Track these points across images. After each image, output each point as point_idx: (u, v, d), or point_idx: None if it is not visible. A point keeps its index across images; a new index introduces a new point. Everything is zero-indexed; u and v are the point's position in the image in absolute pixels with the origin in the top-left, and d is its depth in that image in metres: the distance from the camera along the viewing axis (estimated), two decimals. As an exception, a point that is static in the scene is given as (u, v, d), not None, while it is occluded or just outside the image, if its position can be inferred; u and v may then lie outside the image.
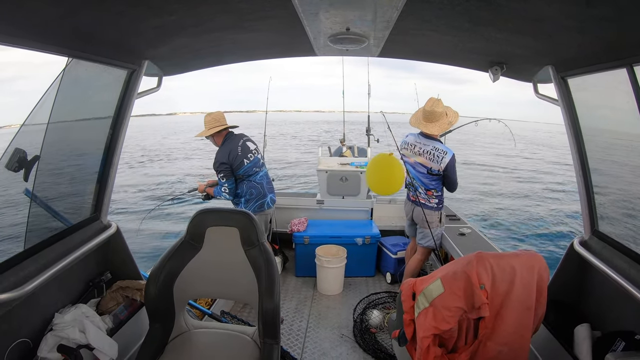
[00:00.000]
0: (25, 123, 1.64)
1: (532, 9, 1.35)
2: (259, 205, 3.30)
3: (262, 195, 3.30)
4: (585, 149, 2.01)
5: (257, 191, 3.29)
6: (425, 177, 3.04)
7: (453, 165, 2.94)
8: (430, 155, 2.96)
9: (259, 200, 3.29)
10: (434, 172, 2.98)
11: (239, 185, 3.25)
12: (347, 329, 3.03)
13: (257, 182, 3.31)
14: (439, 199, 3.09)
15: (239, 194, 3.27)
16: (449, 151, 2.93)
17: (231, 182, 3.19)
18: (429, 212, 3.06)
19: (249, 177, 3.26)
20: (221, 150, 3.21)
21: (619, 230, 1.95)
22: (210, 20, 1.64)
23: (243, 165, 3.20)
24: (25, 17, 1.24)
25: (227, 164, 3.15)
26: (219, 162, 3.15)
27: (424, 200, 3.08)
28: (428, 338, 1.54)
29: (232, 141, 3.24)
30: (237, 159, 3.17)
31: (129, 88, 2.05)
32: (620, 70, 1.58)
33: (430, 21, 1.66)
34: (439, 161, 2.92)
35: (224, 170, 3.15)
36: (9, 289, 1.41)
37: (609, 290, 1.84)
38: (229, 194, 3.20)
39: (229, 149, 3.19)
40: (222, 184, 3.19)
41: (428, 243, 3.16)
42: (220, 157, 3.16)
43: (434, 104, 2.95)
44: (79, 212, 2.07)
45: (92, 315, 1.83)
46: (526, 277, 1.53)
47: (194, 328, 1.98)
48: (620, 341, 1.67)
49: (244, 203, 3.27)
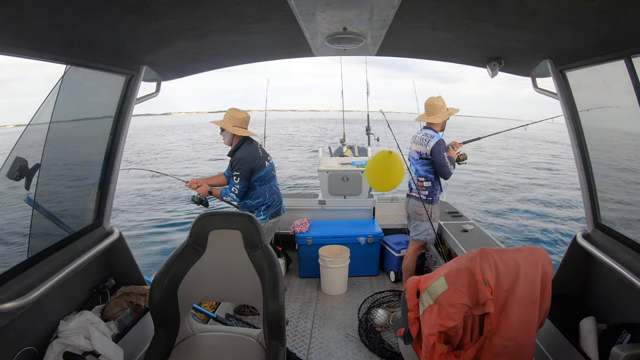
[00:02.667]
0: (25, 131, 1.64)
1: (529, 3, 1.35)
2: (277, 211, 3.20)
3: (280, 200, 3.23)
4: (585, 142, 2.00)
5: (278, 197, 3.20)
6: (418, 163, 3.23)
7: (439, 150, 3.07)
8: (421, 140, 3.19)
9: (278, 206, 3.20)
10: (423, 155, 3.17)
11: (262, 191, 3.09)
12: (352, 329, 3.03)
13: (276, 187, 3.23)
14: (429, 191, 3.19)
15: (259, 201, 3.09)
16: (436, 136, 3.11)
17: (244, 185, 2.99)
18: (418, 204, 3.18)
19: (269, 182, 3.13)
20: (245, 149, 3.01)
21: (621, 223, 1.95)
22: (208, 24, 1.65)
23: (264, 167, 3.07)
24: (22, 25, 1.24)
25: (250, 165, 2.96)
26: (241, 161, 2.94)
27: (415, 193, 3.23)
28: (433, 335, 1.54)
29: (252, 144, 3.09)
30: (259, 160, 3.03)
31: (128, 94, 2.05)
32: (619, 62, 1.58)
33: (427, 18, 1.66)
34: (426, 144, 3.12)
35: (244, 170, 2.94)
36: (13, 297, 1.41)
37: (613, 283, 1.84)
38: (237, 195, 2.99)
39: (252, 149, 3.04)
40: (234, 184, 2.96)
41: (417, 237, 3.29)
42: (244, 156, 2.96)
43: (434, 99, 3.18)
44: (82, 219, 2.07)
45: (97, 321, 1.83)
46: (530, 271, 1.53)
47: (199, 332, 1.98)
48: (626, 333, 1.66)
49: (265, 209, 3.10)
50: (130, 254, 2.24)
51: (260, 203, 3.10)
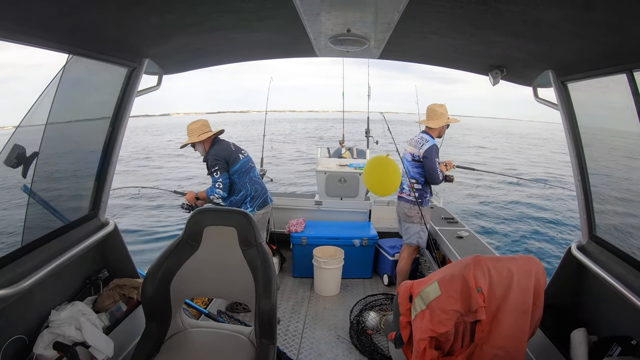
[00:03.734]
0: (24, 119, 1.64)
1: (532, 13, 1.36)
2: (263, 201, 3.31)
3: (264, 190, 3.34)
4: (584, 153, 2.01)
5: (260, 187, 3.31)
6: (410, 165, 3.25)
7: (431, 154, 3.09)
8: (416, 143, 3.22)
9: (263, 196, 3.31)
10: (416, 158, 3.19)
11: (242, 183, 3.20)
12: (343, 331, 3.03)
13: (256, 177, 3.33)
14: (419, 194, 3.21)
15: (243, 194, 3.21)
16: (431, 140, 3.14)
17: (225, 177, 3.11)
18: (408, 206, 3.23)
19: (248, 173, 3.25)
20: (214, 148, 3.18)
21: (616, 236, 1.95)
22: (212, 19, 1.65)
23: (239, 160, 3.20)
24: (27, 14, 1.24)
25: (222, 159, 3.10)
26: (214, 157, 3.09)
27: (405, 195, 3.27)
28: (424, 340, 1.54)
29: (221, 142, 3.25)
30: (232, 154, 3.18)
31: (129, 86, 2.05)
32: (620, 75, 1.59)
33: (430, 24, 1.67)
34: (420, 147, 3.15)
35: (219, 164, 3.08)
36: (5, 285, 1.40)
37: (605, 295, 1.84)
38: (222, 189, 3.09)
39: (221, 146, 3.19)
40: (216, 180, 3.08)
41: (409, 240, 3.31)
42: (215, 152, 3.12)
43: (437, 105, 3.22)
44: (77, 210, 2.07)
45: (89, 312, 1.82)
46: (523, 280, 1.53)
47: (191, 327, 1.98)
48: (617, 346, 1.67)
49: (250, 201, 3.23)
50: (124, 247, 2.23)
51: (243, 196, 3.22)
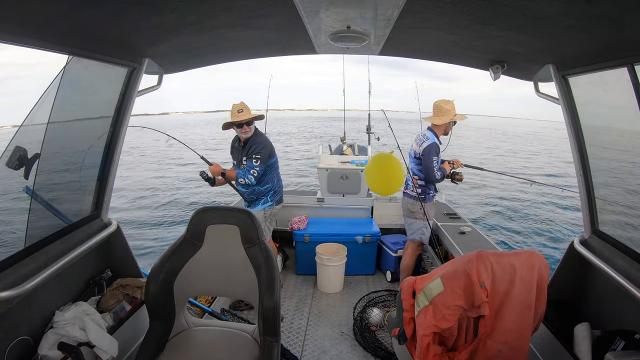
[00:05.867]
0: (25, 121, 1.64)
1: (533, 7, 1.35)
2: (281, 198, 3.39)
3: (282, 188, 3.42)
4: (585, 147, 2.00)
5: (281, 184, 3.40)
6: (413, 162, 3.27)
7: (429, 152, 3.08)
8: (418, 140, 3.23)
9: (281, 193, 3.39)
10: (417, 155, 3.20)
11: (270, 177, 3.25)
12: (347, 327, 3.04)
13: (280, 175, 3.41)
14: (422, 190, 3.21)
15: (267, 187, 3.25)
16: (431, 138, 3.12)
17: (262, 168, 3.13)
18: (411, 202, 3.24)
19: (277, 169, 3.33)
20: (262, 137, 3.20)
21: (619, 230, 1.95)
22: (211, 18, 1.64)
23: (275, 154, 3.28)
24: (26, 15, 1.24)
25: (269, 148, 3.16)
26: (261, 145, 3.11)
27: (409, 190, 3.28)
28: (428, 336, 1.55)
29: (262, 133, 3.31)
30: (273, 148, 3.25)
31: (130, 86, 2.05)
32: (621, 69, 1.58)
33: (430, 19, 1.66)
34: (420, 144, 3.15)
35: (264, 154, 3.10)
36: (9, 286, 1.41)
37: (609, 290, 1.84)
38: (255, 177, 3.09)
39: (267, 138, 3.24)
40: (254, 166, 3.07)
41: (412, 236, 3.33)
42: (263, 141, 3.15)
43: (443, 101, 3.17)
44: (80, 210, 2.07)
45: (93, 313, 1.83)
46: (526, 275, 1.53)
47: (194, 326, 1.98)
48: (620, 340, 1.67)
49: (272, 195, 3.27)
50: (127, 246, 2.24)
51: (268, 189, 3.26)
